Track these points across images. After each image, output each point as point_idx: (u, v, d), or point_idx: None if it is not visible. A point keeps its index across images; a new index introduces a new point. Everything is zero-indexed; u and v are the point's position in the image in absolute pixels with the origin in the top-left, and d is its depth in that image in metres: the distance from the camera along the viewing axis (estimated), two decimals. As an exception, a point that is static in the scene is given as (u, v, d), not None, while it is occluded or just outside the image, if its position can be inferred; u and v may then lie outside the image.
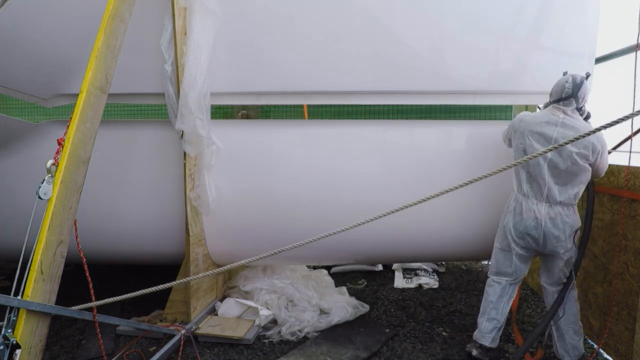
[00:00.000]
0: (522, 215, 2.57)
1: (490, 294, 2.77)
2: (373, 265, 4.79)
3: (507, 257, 2.71)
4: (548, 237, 2.51)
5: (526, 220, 2.55)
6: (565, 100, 2.50)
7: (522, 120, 2.60)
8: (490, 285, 2.80)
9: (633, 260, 2.59)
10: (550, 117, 2.52)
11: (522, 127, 2.57)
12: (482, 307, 2.81)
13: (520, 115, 2.66)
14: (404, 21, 3.00)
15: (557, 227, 2.50)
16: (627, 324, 2.63)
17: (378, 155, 3.20)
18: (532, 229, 2.54)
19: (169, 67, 2.85)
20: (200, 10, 2.83)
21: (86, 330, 3.25)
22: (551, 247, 2.54)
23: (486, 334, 2.73)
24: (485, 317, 2.76)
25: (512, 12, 2.99)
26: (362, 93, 3.18)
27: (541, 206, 2.52)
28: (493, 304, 2.74)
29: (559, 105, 2.52)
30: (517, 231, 2.61)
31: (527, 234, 2.57)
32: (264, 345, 3.06)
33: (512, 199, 2.68)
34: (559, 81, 2.54)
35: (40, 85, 3.11)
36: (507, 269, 2.72)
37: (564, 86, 2.50)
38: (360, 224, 2.11)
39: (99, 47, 2.04)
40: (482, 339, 2.73)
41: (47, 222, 1.80)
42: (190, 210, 3.11)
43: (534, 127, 2.53)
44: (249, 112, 4.16)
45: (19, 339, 1.67)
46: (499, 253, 2.76)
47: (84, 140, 1.97)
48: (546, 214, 2.50)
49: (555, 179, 2.48)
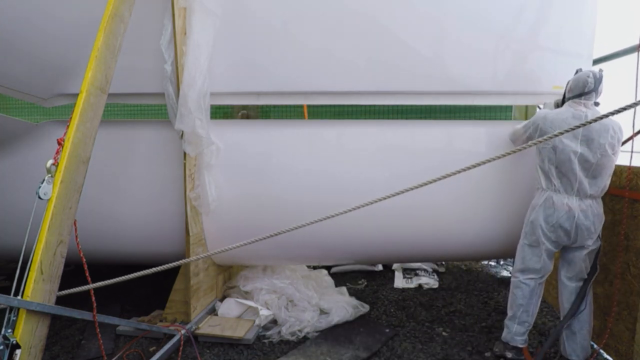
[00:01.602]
0: (554, 208, 2.57)
1: (519, 297, 2.72)
2: (373, 265, 4.79)
3: (536, 252, 2.68)
4: (580, 230, 2.55)
5: (559, 213, 2.56)
6: (587, 95, 2.56)
7: (546, 119, 2.60)
8: (518, 287, 2.74)
9: (634, 260, 2.58)
10: (574, 112, 2.56)
11: (547, 125, 2.58)
12: (512, 310, 2.75)
13: (541, 114, 2.66)
14: (403, 21, 3.00)
15: (589, 219, 2.54)
16: (627, 324, 2.63)
17: (378, 155, 3.20)
18: (564, 221, 2.55)
19: (168, 67, 2.85)
20: (200, 11, 2.83)
21: (86, 330, 3.25)
22: (582, 239, 2.57)
23: (518, 336, 2.71)
24: (516, 320, 2.72)
25: (512, 13, 3.00)
26: (362, 93, 3.18)
27: (572, 200, 2.55)
28: (523, 307, 2.70)
29: (581, 100, 2.58)
30: (548, 225, 2.60)
31: (559, 227, 2.57)
32: (264, 345, 3.06)
33: (540, 195, 2.67)
34: (580, 77, 2.58)
35: (40, 85, 3.11)
36: (535, 264, 2.69)
37: (586, 81, 2.54)
38: (354, 208, 2.11)
39: (99, 47, 2.03)
40: (515, 341, 2.71)
41: (47, 222, 1.80)
42: (190, 210, 3.10)
43: (561, 124, 2.53)
44: (249, 112, 4.16)
45: (19, 339, 1.67)
46: (526, 249, 2.72)
47: (84, 140, 1.97)
48: (577, 207, 2.54)
49: (585, 173, 2.52)
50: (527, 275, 2.72)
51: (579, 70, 2.68)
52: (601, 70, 2.60)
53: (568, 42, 3.02)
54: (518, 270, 2.78)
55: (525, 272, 2.73)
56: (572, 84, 2.63)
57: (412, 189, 2.02)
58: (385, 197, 2.07)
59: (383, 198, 2.08)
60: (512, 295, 2.78)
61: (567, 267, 2.72)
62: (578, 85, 2.58)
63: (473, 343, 3.11)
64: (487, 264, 5.10)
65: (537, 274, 2.71)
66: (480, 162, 1.97)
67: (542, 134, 2.58)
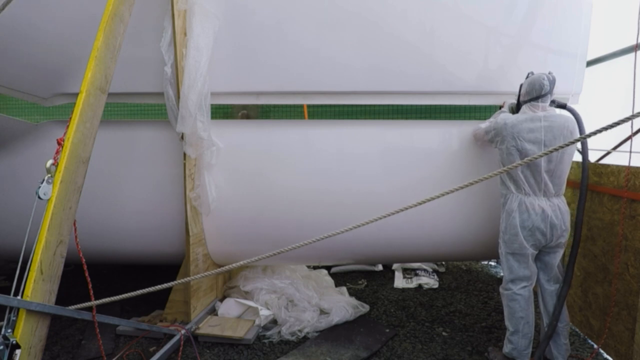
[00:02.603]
0: (529, 211, 2.58)
1: (518, 310, 2.66)
2: (373, 265, 4.80)
3: (522, 260, 2.65)
4: (554, 228, 2.58)
5: (533, 216, 2.57)
6: (543, 97, 2.61)
7: (506, 125, 2.63)
8: (514, 300, 2.67)
9: (633, 260, 2.59)
10: (532, 115, 2.61)
11: (509, 131, 2.61)
12: (512, 324, 2.68)
13: (501, 120, 2.67)
14: (403, 22, 3.01)
15: (559, 217, 2.59)
16: (627, 324, 2.63)
17: (378, 155, 3.20)
18: (540, 222, 2.57)
19: (168, 69, 2.85)
20: (199, 13, 2.83)
21: (86, 330, 3.25)
22: (556, 238, 2.60)
23: (524, 350, 2.67)
24: (519, 334, 2.67)
25: (511, 13, 3.01)
26: (362, 93, 3.18)
27: (542, 200, 2.59)
28: (524, 319, 2.66)
29: (538, 103, 2.63)
30: (525, 229, 2.60)
31: (536, 229, 2.58)
32: (264, 345, 3.06)
33: (512, 200, 2.66)
34: (535, 80, 2.62)
35: (39, 84, 3.11)
36: (524, 272, 2.66)
37: (542, 84, 2.59)
38: (362, 225, 2.12)
39: (99, 47, 2.04)
40: (523, 356, 2.67)
41: (47, 222, 1.80)
42: (190, 210, 3.11)
43: (521, 128, 2.58)
44: (249, 112, 4.15)
45: (19, 339, 1.67)
46: (510, 259, 2.68)
47: (84, 140, 1.97)
48: (548, 207, 2.58)
49: (549, 174, 2.57)
50: (519, 284, 2.67)
51: (530, 74, 2.73)
52: (551, 72, 2.65)
53: (563, 43, 3.04)
54: (509, 282, 2.69)
55: (516, 282, 2.68)
56: (527, 87, 2.65)
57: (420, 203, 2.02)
58: (395, 212, 2.07)
59: (392, 213, 2.08)
60: (509, 309, 2.69)
61: (545, 271, 2.72)
62: (534, 88, 2.61)
63: (473, 343, 3.11)
64: (487, 264, 5.10)
65: (528, 280, 2.68)
66: (490, 174, 2.00)
67: (507, 139, 2.62)
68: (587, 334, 3.11)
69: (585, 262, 3.10)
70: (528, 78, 2.70)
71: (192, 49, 2.80)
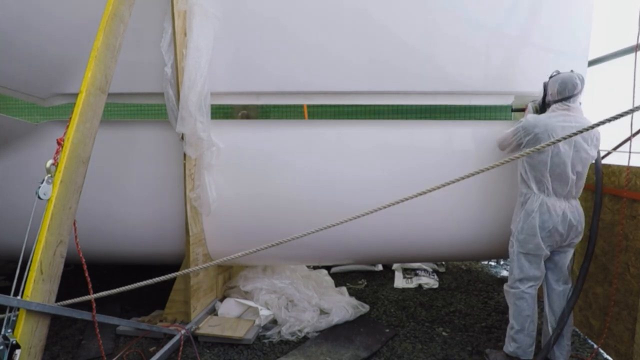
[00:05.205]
0: (550, 212, 2.56)
1: (525, 309, 2.65)
2: (373, 265, 4.79)
3: (535, 260, 2.64)
4: (572, 230, 2.59)
5: (554, 217, 2.56)
6: (574, 97, 2.58)
7: (537, 125, 2.55)
8: (521, 298, 2.65)
9: (634, 260, 2.59)
10: (565, 115, 2.56)
11: (541, 131, 2.53)
12: (518, 323, 2.66)
13: (530, 121, 2.60)
14: (403, 22, 3.01)
15: (576, 219, 2.60)
16: (627, 324, 2.63)
17: (378, 155, 3.20)
18: (559, 224, 2.56)
19: (168, 69, 2.85)
20: (199, 13, 2.83)
21: (86, 330, 3.25)
22: (571, 239, 2.62)
23: (528, 349, 2.67)
24: (524, 333, 2.66)
25: (510, 13, 3.01)
26: (362, 93, 3.18)
27: (563, 202, 2.59)
28: (530, 317, 2.66)
29: (568, 103, 2.58)
30: (544, 230, 2.57)
31: (555, 231, 2.57)
32: (264, 345, 3.06)
33: (533, 200, 2.61)
34: (568, 79, 2.55)
35: (39, 84, 3.11)
36: (535, 272, 2.65)
37: (575, 84, 2.54)
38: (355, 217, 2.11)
39: (99, 47, 2.04)
40: (527, 354, 2.67)
41: (47, 222, 1.80)
42: (190, 210, 3.11)
43: (556, 126, 2.52)
44: (249, 112, 4.14)
45: (19, 339, 1.67)
46: (523, 259, 2.66)
47: (84, 140, 1.98)
48: (568, 208, 2.59)
49: (576, 176, 2.56)
50: (528, 284, 2.66)
51: (555, 73, 2.66)
52: (572, 70, 2.62)
53: (564, 42, 3.02)
54: (517, 280, 2.68)
55: (525, 282, 2.66)
56: (558, 86, 2.58)
57: (416, 195, 2.02)
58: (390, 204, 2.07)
59: (387, 205, 2.08)
60: (516, 307, 2.68)
61: (554, 270, 2.71)
62: (567, 87, 2.55)
63: (473, 343, 3.11)
64: (487, 264, 5.10)
65: (537, 280, 2.67)
66: (489, 166, 1.98)
67: (535, 139, 2.55)
68: (587, 333, 3.11)
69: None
70: (555, 77, 2.63)
71: (192, 50, 2.80)
